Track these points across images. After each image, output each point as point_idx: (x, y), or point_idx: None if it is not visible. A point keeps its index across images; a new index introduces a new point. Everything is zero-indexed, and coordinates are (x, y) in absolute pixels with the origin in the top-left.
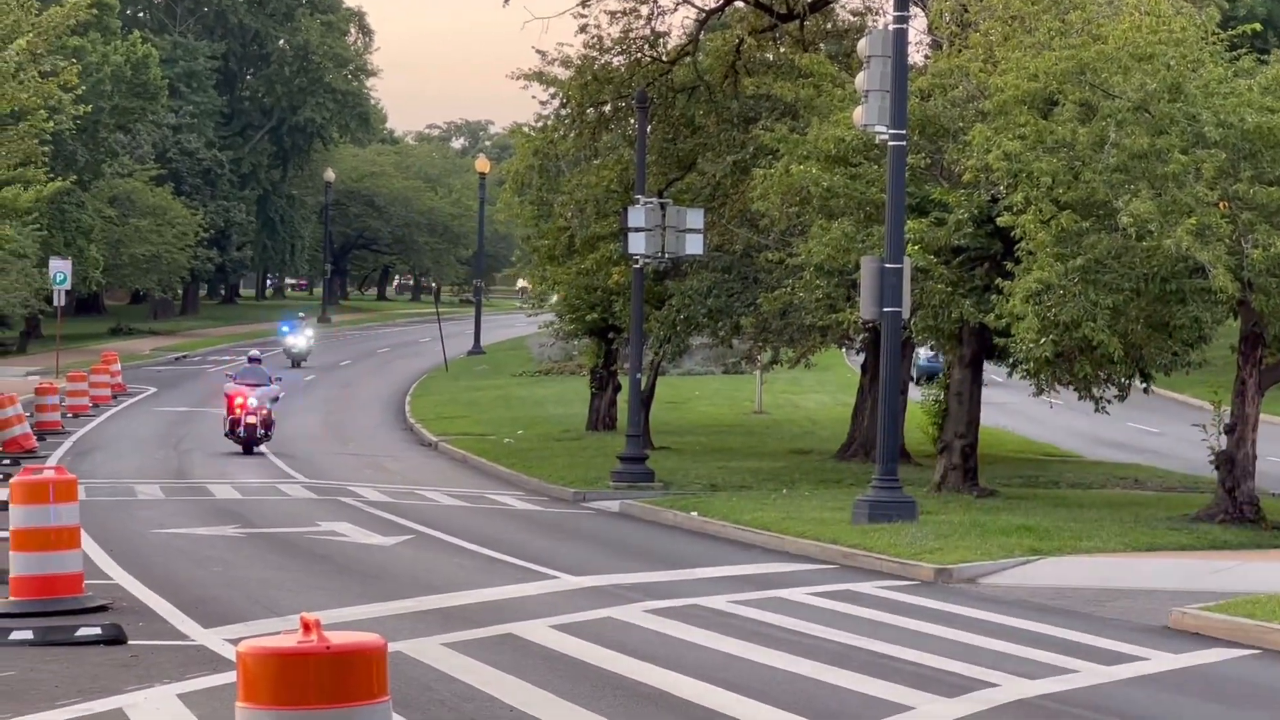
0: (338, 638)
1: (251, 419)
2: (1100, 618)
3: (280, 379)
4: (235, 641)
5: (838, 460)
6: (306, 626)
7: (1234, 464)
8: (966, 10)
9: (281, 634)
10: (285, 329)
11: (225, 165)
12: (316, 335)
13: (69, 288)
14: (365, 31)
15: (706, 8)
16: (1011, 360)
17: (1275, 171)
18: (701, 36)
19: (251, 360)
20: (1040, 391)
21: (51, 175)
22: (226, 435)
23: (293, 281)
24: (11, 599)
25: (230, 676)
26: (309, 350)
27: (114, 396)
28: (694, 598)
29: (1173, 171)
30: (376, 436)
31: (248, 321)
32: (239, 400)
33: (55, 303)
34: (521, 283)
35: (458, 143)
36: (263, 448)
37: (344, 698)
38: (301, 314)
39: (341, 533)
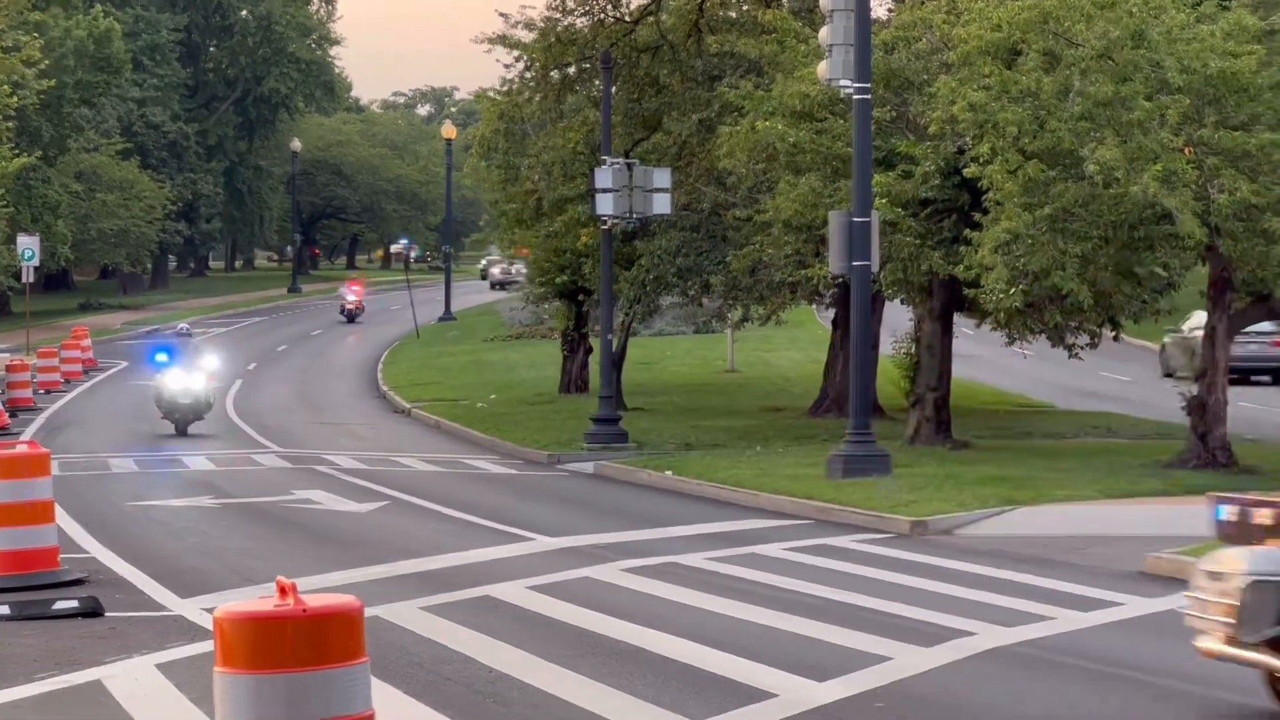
0: (314, 600)
1: None
2: (1076, 565)
3: None
4: (212, 611)
5: (811, 416)
6: (283, 590)
7: (1205, 410)
8: None
9: (258, 598)
10: (162, 355)
11: (191, 138)
12: (216, 374)
13: (37, 264)
14: (327, 0)
15: None
16: (982, 311)
17: (1239, 116)
18: None
19: None
20: (1011, 342)
21: (16, 151)
22: None
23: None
24: None
25: (208, 646)
26: (207, 402)
27: (85, 372)
28: (670, 556)
29: (1138, 118)
30: (349, 404)
31: (218, 294)
32: None
33: (24, 279)
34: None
35: (423, 109)
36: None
37: (322, 660)
38: (184, 326)
39: (317, 500)
